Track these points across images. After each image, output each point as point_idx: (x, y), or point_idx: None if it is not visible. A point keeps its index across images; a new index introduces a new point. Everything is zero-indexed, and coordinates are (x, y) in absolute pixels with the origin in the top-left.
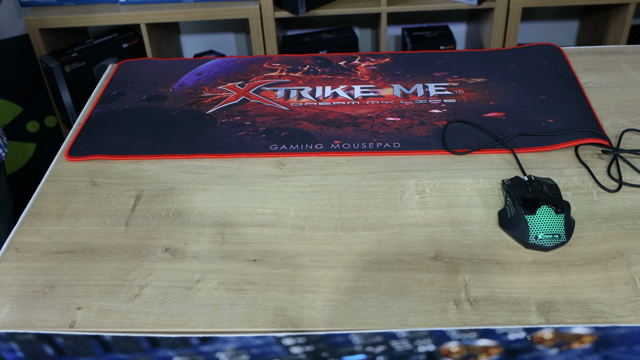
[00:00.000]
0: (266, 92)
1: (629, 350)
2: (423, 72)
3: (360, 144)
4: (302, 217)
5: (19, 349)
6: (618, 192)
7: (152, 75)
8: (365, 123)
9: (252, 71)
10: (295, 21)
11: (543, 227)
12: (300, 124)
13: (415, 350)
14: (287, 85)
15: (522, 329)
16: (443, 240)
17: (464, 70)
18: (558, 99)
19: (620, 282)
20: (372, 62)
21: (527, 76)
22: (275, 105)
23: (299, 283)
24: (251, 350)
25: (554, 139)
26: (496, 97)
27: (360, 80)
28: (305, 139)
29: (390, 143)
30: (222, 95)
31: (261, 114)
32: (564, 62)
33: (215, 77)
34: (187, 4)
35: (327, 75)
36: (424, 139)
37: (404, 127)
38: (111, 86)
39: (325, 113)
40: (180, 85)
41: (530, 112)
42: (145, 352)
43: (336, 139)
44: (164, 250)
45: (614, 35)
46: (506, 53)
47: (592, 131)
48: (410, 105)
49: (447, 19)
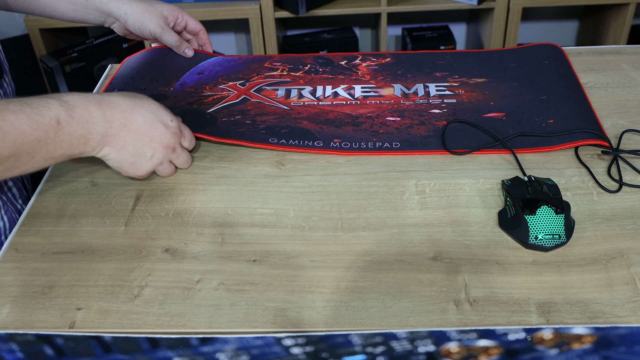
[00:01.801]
0: (267, 91)
1: (629, 350)
2: (424, 72)
3: (359, 143)
4: (302, 218)
5: (19, 349)
6: (618, 192)
7: (152, 71)
8: (365, 123)
9: (253, 70)
10: (295, 21)
11: (543, 227)
12: (300, 122)
13: (415, 350)
14: (288, 84)
15: (522, 329)
16: (443, 240)
17: (465, 70)
18: (558, 100)
19: (620, 282)
20: (373, 62)
21: (528, 76)
22: (276, 104)
23: (298, 283)
24: (251, 350)
25: (555, 140)
26: (496, 98)
27: (361, 80)
28: (304, 136)
29: (390, 143)
30: (223, 95)
31: (261, 113)
32: (564, 62)
33: (216, 76)
34: (187, 4)
35: (328, 75)
36: (424, 139)
37: (404, 127)
38: (113, 84)
39: (326, 112)
40: (182, 84)
41: (531, 113)
42: (145, 353)
43: (335, 137)
44: (164, 251)
45: (614, 35)
46: (507, 53)
47: (592, 132)
48: (410, 105)
49: (447, 19)
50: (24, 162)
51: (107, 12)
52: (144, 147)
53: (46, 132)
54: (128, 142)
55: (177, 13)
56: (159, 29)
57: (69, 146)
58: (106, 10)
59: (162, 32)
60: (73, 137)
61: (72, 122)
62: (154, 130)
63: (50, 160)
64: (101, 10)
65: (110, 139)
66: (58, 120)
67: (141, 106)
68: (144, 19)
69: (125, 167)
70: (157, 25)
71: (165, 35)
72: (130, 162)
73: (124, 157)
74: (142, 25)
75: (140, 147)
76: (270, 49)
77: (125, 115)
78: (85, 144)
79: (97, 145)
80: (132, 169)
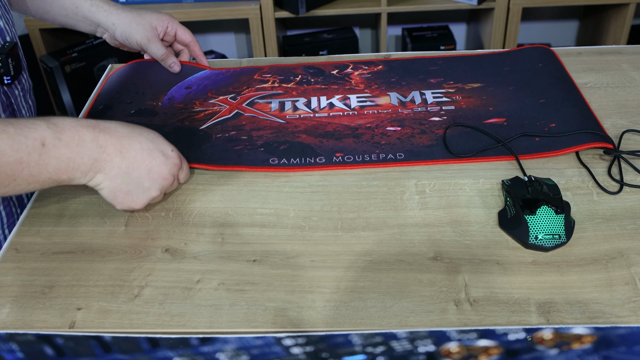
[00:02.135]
0: (260, 104)
1: (629, 350)
2: (418, 79)
3: (362, 155)
4: (302, 218)
5: (19, 349)
6: (619, 193)
7: (138, 84)
8: (365, 134)
9: (243, 83)
10: (295, 21)
11: (543, 227)
12: (299, 136)
13: (415, 350)
14: (280, 96)
15: (522, 329)
16: (443, 240)
17: (459, 75)
18: (557, 103)
19: (620, 282)
20: (365, 70)
21: (523, 80)
22: (271, 118)
23: (299, 283)
24: (251, 350)
25: (560, 144)
26: (495, 103)
27: (355, 89)
28: (305, 152)
29: (393, 154)
30: (215, 110)
31: (257, 128)
32: (557, 64)
33: (205, 90)
34: (187, 4)
35: (320, 85)
36: (427, 149)
37: (406, 137)
38: (98, 101)
39: (323, 125)
40: (170, 99)
41: (532, 117)
42: (145, 353)
43: (337, 151)
44: (164, 251)
45: (614, 35)
46: (499, 57)
47: (596, 133)
48: (409, 113)
49: (447, 19)
50: (4, 184)
51: (96, 22)
52: (141, 177)
53: (28, 154)
54: (123, 169)
55: (167, 22)
56: (145, 40)
57: (55, 170)
58: (95, 19)
59: (148, 43)
60: (60, 160)
61: (60, 144)
62: (152, 160)
63: (34, 184)
64: (90, 19)
65: (103, 165)
66: (43, 142)
67: (139, 134)
68: (131, 29)
69: (120, 198)
70: (144, 36)
71: (152, 47)
72: (125, 191)
73: (118, 185)
74: (129, 36)
75: (137, 176)
76: (270, 49)
77: (122, 142)
78: (75, 169)
79: (89, 171)
80: (127, 200)
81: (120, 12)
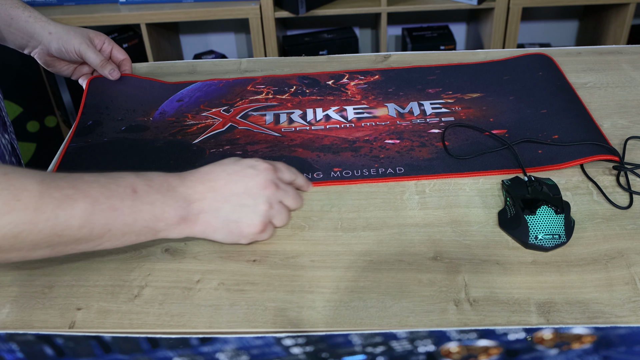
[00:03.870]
0: (254, 117)
1: (629, 350)
2: (416, 89)
3: (361, 170)
4: (302, 217)
5: (19, 349)
6: (630, 206)
7: (128, 100)
8: (363, 147)
9: (236, 94)
10: (295, 21)
11: (543, 227)
12: (295, 151)
13: (415, 350)
14: (275, 108)
15: (522, 329)
16: (443, 240)
17: (458, 85)
18: (559, 113)
19: (620, 282)
20: (361, 80)
21: (523, 89)
22: (266, 131)
23: (298, 283)
24: (251, 350)
25: (563, 157)
26: (495, 113)
27: (351, 100)
28: (302, 168)
29: (393, 168)
30: (208, 123)
31: (252, 142)
32: (557, 72)
33: (197, 102)
34: (187, 4)
35: (316, 97)
36: (427, 162)
37: (405, 150)
38: (86, 114)
39: (320, 138)
40: (161, 113)
41: (534, 129)
42: (145, 353)
43: (335, 165)
44: (164, 251)
45: (614, 35)
46: (498, 65)
47: (601, 145)
48: (408, 125)
49: (447, 19)
50: (99, 235)
51: (30, 33)
52: (241, 199)
53: (121, 200)
54: (220, 201)
55: (105, 39)
56: (83, 46)
57: (150, 217)
58: (30, 30)
59: (87, 49)
60: (154, 206)
61: (151, 190)
62: (243, 178)
63: (130, 235)
64: (25, 30)
65: (200, 205)
66: (134, 189)
67: (219, 164)
68: (68, 36)
69: (235, 232)
70: (82, 42)
71: (90, 53)
72: (235, 221)
73: (224, 219)
74: (66, 43)
75: (238, 200)
76: (270, 49)
77: (205, 177)
78: (170, 216)
79: (187, 215)
80: (244, 229)
81: (57, 23)
